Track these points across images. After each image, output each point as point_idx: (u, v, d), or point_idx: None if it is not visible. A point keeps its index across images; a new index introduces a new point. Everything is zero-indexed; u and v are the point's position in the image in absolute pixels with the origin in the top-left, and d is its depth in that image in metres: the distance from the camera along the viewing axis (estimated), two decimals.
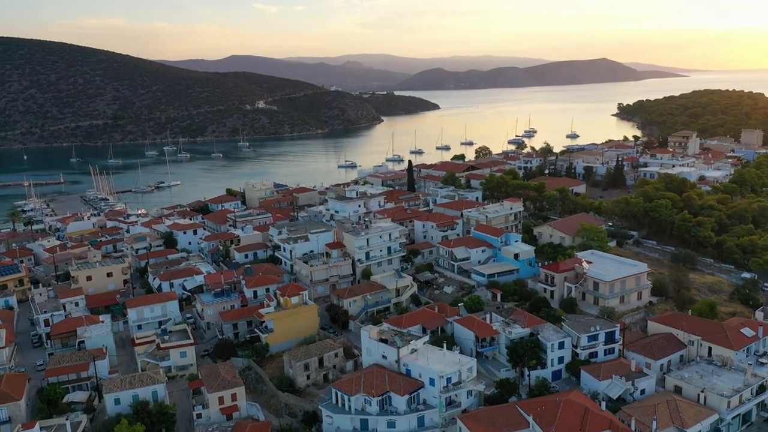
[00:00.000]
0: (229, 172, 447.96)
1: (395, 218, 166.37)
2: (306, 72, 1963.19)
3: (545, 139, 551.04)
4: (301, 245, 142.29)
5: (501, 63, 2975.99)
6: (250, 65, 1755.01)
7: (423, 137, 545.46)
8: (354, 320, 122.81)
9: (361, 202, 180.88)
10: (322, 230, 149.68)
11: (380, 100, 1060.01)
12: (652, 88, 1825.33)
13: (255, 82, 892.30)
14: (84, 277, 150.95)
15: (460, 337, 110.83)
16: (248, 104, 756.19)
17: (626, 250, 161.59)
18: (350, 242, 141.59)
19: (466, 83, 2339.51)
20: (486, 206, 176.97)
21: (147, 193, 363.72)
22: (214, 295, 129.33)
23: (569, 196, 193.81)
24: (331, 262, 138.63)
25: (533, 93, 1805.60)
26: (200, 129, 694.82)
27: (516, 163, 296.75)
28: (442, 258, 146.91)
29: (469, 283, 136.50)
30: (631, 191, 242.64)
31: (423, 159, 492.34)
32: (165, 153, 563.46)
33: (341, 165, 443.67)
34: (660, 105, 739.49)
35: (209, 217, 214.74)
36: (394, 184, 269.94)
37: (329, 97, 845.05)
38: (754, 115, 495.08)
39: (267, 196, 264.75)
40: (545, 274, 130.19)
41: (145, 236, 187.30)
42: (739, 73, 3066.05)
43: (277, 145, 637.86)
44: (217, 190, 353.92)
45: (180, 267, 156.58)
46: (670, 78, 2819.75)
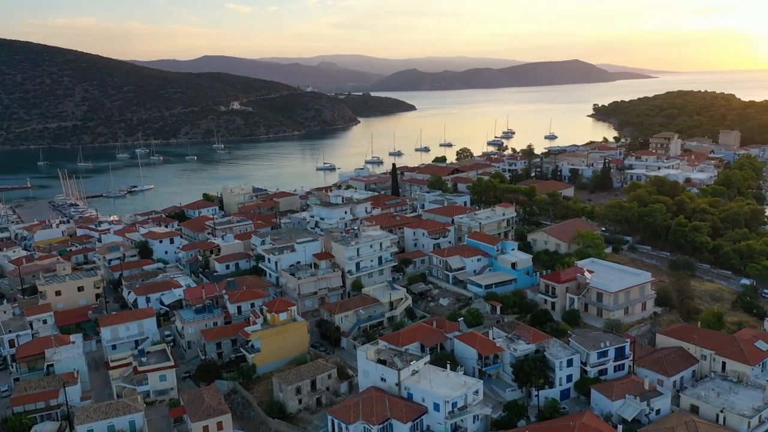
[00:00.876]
0: (204, 175, 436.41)
1: (384, 225, 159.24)
2: (280, 72, 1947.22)
3: (523, 140, 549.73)
4: (287, 256, 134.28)
5: (476, 64, 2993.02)
6: (224, 66, 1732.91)
7: (401, 138, 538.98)
8: (346, 337, 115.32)
9: (347, 208, 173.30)
10: (309, 239, 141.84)
11: (356, 100, 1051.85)
12: (624, 89, 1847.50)
13: (229, 82, 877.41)
14: (53, 291, 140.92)
15: (462, 354, 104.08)
16: (222, 105, 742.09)
17: (622, 256, 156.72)
18: (339, 252, 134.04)
19: (441, 84, 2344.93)
20: (477, 212, 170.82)
21: (119, 198, 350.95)
22: (195, 312, 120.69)
23: (561, 200, 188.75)
24: (320, 273, 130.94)
25: (509, 94, 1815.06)
26: (173, 131, 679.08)
27: (500, 165, 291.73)
28: (435, 268, 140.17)
29: (465, 294, 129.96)
30: (619, 194, 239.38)
31: (402, 161, 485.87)
32: (137, 156, 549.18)
33: (320, 167, 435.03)
34: (635, 106, 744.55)
35: (186, 224, 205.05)
36: (377, 188, 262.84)
37: (305, 98, 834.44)
38: (729, 116, 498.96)
39: (246, 201, 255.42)
40: (546, 285, 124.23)
41: (118, 246, 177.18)
42: (708, 74, 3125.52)
43: (252, 147, 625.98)
44: (192, 194, 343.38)
45: (157, 280, 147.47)
46: (640, 79, 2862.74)
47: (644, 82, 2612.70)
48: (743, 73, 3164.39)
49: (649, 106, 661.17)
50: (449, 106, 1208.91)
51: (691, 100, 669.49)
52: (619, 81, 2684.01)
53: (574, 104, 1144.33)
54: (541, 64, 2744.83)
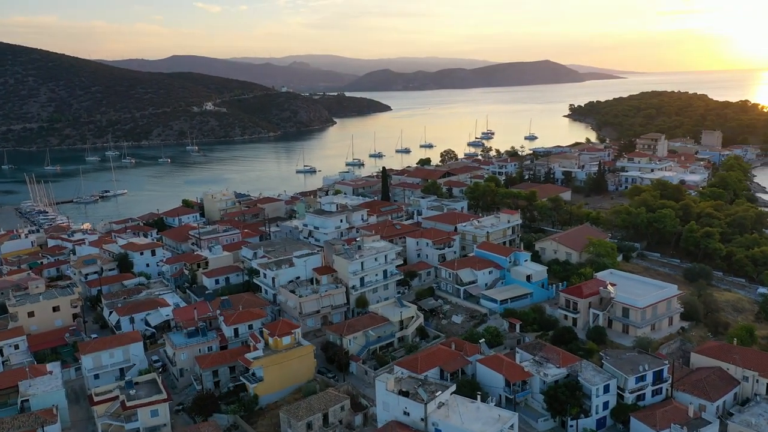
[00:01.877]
0: (180, 178, 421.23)
1: (384, 235, 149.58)
2: (252, 73, 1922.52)
3: (503, 141, 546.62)
4: (285, 271, 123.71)
5: (447, 64, 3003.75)
6: (193, 65, 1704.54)
7: (381, 140, 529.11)
8: (357, 361, 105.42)
9: (343, 216, 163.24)
10: (307, 252, 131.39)
11: (331, 101, 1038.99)
12: (595, 89, 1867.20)
13: (201, 82, 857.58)
14: (25, 313, 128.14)
15: (486, 381, 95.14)
16: (195, 106, 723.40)
17: (633, 265, 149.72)
18: (342, 266, 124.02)
19: (414, 84, 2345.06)
20: (480, 219, 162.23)
21: (90, 203, 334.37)
22: (188, 335, 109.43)
23: (563, 205, 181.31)
24: (322, 290, 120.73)
25: (482, 94, 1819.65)
26: (145, 132, 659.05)
27: (490, 167, 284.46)
28: (444, 281, 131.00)
29: (479, 310, 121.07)
30: (614, 197, 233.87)
31: (384, 162, 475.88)
32: (108, 158, 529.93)
33: (300, 170, 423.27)
34: (611, 106, 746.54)
35: (167, 233, 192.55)
36: (365, 192, 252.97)
37: (280, 99, 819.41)
38: (708, 117, 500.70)
39: (228, 207, 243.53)
40: (566, 300, 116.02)
41: (95, 259, 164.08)
42: (675, 75, 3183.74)
43: (228, 148, 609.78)
44: (169, 199, 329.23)
45: (140, 297, 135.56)
46: (609, 79, 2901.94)
47: (613, 82, 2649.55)
48: (709, 73, 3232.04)
49: (626, 107, 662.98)
50: (424, 107, 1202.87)
51: (668, 100, 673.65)
52: (588, 81, 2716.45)
53: (549, 104, 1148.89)
54: (513, 64, 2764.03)
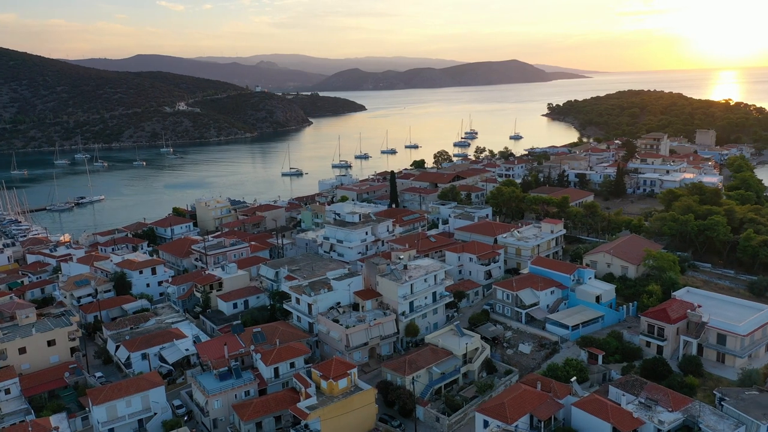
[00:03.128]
0: (158, 182, 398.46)
1: (420, 249, 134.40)
2: (219, 72, 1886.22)
3: (488, 141, 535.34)
4: (325, 296, 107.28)
5: (415, 64, 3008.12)
6: (159, 65, 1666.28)
7: (364, 140, 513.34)
8: (424, 405, 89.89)
9: (368, 228, 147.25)
10: (345, 273, 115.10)
11: (305, 101, 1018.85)
12: (565, 88, 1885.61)
13: (172, 82, 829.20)
14: (15, 349, 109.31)
15: (586, 429, 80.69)
16: (167, 106, 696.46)
17: (690, 277, 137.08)
18: (389, 289, 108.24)
19: (384, 84, 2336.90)
20: (519, 229, 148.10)
21: (65, 211, 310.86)
22: (220, 377, 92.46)
23: (600, 212, 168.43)
24: (370, 318, 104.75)
25: (455, 93, 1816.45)
26: (115, 134, 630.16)
27: (496, 170, 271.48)
28: (500, 303, 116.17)
29: (548, 338, 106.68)
30: (634, 200, 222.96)
31: (370, 164, 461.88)
32: (78, 161, 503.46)
33: (285, 173, 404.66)
34: (591, 105, 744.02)
35: (165, 248, 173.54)
36: (370, 197, 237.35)
37: (255, 98, 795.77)
38: (696, 115, 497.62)
39: (223, 215, 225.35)
40: (649, 325, 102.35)
41: (88, 279, 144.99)
42: (640, 74, 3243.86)
43: (204, 150, 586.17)
44: (150, 205, 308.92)
45: (149, 326, 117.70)
46: (576, 79, 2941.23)
47: (579, 81, 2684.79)
48: (672, 73, 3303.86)
49: (608, 106, 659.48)
50: (400, 106, 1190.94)
51: (649, 99, 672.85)
52: (555, 81, 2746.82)
53: (525, 103, 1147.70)
54: (481, 63, 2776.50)
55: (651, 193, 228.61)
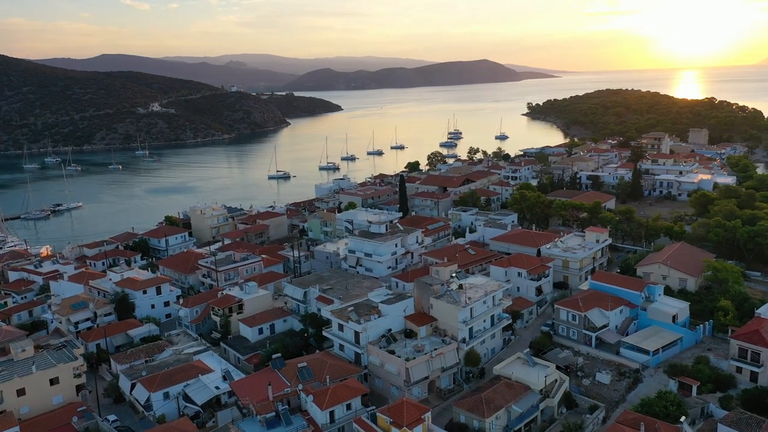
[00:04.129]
0: (137, 187, 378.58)
1: (461, 264, 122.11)
2: (187, 72, 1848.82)
3: (474, 141, 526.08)
4: (375, 323, 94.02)
5: (385, 63, 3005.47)
6: (125, 64, 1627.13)
7: (348, 141, 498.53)
8: None
9: (398, 239, 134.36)
10: (395, 295, 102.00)
11: (280, 101, 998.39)
12: (536, 87, 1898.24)
13: (144, 82, 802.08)
14: (12, 390, 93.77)
15: None
16: (141, 107, 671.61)
17: (750, 289, 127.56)
18: (446, 313, 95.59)
19: (356, 83, 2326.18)
20: (561, 239, 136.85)
21: (41, 219, 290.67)
22: (267, 425, 78.73)
23: (636, 218, 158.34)
24: (429, 348, 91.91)
25: (429, 92, 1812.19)
26: (87, 136, 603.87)
27: (502, 172, 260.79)
28: (563, 325, 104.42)
29: (627, 365, 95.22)
30: (652, 203, 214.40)
31: (357, 166, 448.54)
32: (49, 165, 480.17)
33: (272, 176, 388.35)
34: (572, 104, 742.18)
35: (167, 263, 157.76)
36: (376, 202, 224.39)
37: (231, 99, 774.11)
38: (683, 114, 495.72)
39: (220, 224, 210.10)
40: (741, 348, 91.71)
41: (86, 301, 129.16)
42: (608, 73, 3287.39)
43: (181, 152, 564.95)
44: (133, 212, 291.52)
45: (166, 358, 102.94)
46: (546, 78, 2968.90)
47: (550, 81, 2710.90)
48: (639, 72, 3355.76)
49: (591, 105, 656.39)
50: (376, 106, 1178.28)
51: (630, 98, 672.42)
52: (526, 80, 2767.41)
53: (503, 103, 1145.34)
54: (452, 63, 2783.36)
55: (668, 195, 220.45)
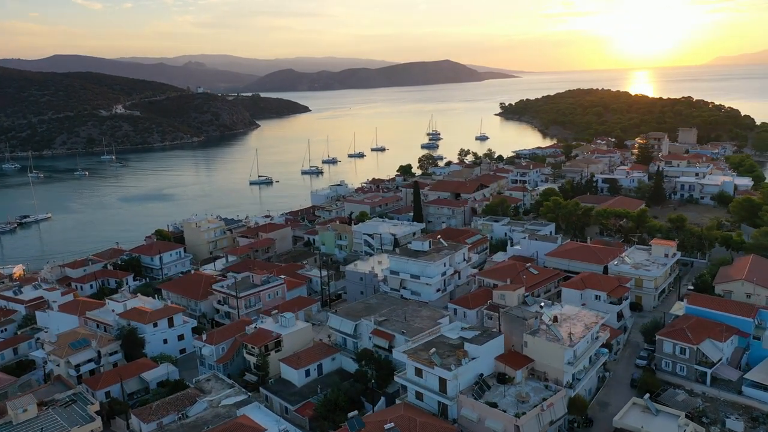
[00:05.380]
0: (109, 195, 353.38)
1: (529, 286, 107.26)
2: (144, 73, 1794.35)
3: (454, 143, 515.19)
4: (465, 368, 78.21)
5: (347, 64, 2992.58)
6: (79, 65, 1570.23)
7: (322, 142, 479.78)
8: None
9: (446, 258, 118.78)
10: (477, 332, 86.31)
11: (247, 102, 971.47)
12: (500, 87, 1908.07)
13: (105, 83, 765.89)
14: None
15: None
16: (103, 109, 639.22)
17: None
18: (547, 353, 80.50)
19: (319, 84, 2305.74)
20: (626, 254, 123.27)
21: (6, 233, 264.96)
22: None
23: (688, 226, 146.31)
24: (535, 398, 76.53)
25: (395, 93, 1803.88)
26: (46, 140, 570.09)
27: (509, 175, 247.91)
28: (666, 359, 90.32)
29: (756, 408, 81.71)
30: (677, 207, 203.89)
31: (339, 169, 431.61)
32: (7, 172, 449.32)
33: (254, 181, 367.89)
34: (545, 104, 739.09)
35: (172, 287, 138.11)
36: (384, 210, 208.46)
37: (198, 100, 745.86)
38: (666, 113, 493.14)
39: (217, 237, 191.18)
40: None
41: (87, 338, 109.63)
42: (566, 73, 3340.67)
43: (149, 157, 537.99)
44: (109, 223, 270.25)
45: (202, 412, 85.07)
46: (507, 78, 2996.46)
47: (511, 81, 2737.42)
48: (596, 72, 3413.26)
49: (567, 105, 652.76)
50: (345, 107, 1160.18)
51: (604, 97, 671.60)
52: (488, 80, 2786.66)
53: (473, 103, 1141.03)
54: (415, 64, 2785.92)
55: (690, 198, 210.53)
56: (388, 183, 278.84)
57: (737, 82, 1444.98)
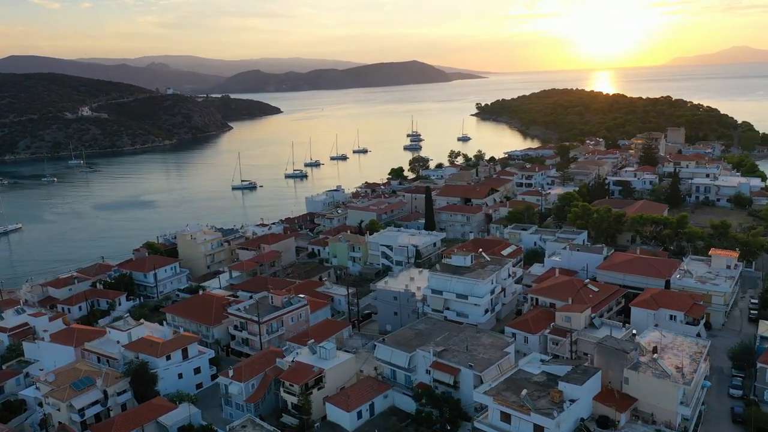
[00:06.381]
0: (81, 203, 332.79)
1: (595, 306, 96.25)
2: (106, 74, 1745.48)
3: (436, 144, 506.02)
4: (568, 412, 66.34)
5: (314, 65, 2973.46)
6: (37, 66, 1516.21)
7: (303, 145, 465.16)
8: None
9: (493, 275, 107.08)
10: (569, 367, 74.56)
11: (217, 103, 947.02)
12: (470, 88, 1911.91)
13: (68, 84, 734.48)
14: None
15: None
16: (68, 112, 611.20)
17: None
18: (652, 391, 69.31)
19: (287, 85, 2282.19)
20: (686, 264, 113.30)
21: None
22: None
23: (733, 233, 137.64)
24: None
25: (365, 94, 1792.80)
26: (8, 144, 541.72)
27: (514, 178, 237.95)
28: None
29: None
30: (693, 209, 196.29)
31: (321, 172, 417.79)
32: None
33: (237, 186, 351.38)
34: (522, 104, 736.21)
35: (179, 311, 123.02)
36: (390, 217, 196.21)
37: (167, 102, 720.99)
38: (650, 113, 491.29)
39: (215, 250, 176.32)
40: None
41: (90, 377, 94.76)
42: (532, 74, 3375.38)
43: (119, 161, 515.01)
44: (87, 233, 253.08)
45: None
46: (474, 79, 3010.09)
47: (479, 81, 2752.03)
48: (560, 72, 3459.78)
49: (546, 105, 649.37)
50: (317, 108, 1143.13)
51: (584, 97, 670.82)
52: (455, 81, 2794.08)
53: (447, 103, 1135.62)
54: (384, 65, 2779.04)
55: (706, 200, 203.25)
56: (384, 187, 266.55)
57: (699, 82, 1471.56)
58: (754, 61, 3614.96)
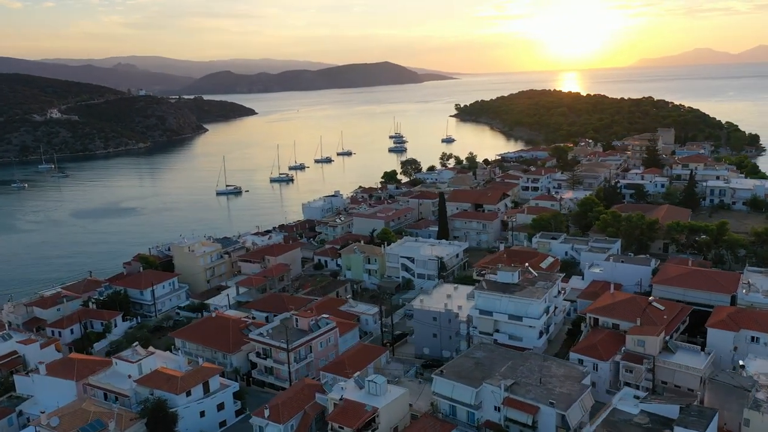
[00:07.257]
0: (56, 210, 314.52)
1: (667, 329, 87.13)
2: (71, 74, 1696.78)
3: (420, 145, 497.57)
4: None
5: (284, 66, 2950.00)
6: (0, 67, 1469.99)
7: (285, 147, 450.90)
8: None
9: (546, 294, 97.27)
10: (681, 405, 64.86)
11: (190, 105, 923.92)
12: (443, 89, 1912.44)
13: (36, 85, 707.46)
14: None
15: None
16: (36, 114, 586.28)
17: None
18: None
19: (259, 86, 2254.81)
20: (744, 276, 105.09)
21: None
22: None
23: None
24: None
25: (340, 95, 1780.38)
26: None
27: (520, 182, 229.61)
28: None
29: None
30: (710, 214, 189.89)
31: (306, 176, 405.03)
32: None
33: (221, 191, 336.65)
34: (503, 105, 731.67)
35: (190, 336, 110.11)
36: (398, 225, 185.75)
37: (140, 104, 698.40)
38: (635, 114, 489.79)
39: (215, 262, 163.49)
40: None
41: (100, 420, 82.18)
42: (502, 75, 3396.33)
43: (92, 165, 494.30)
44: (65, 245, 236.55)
45: None
46: (445, 80, 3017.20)
47: (451, 82, 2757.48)
48: (531, 73, 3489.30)
49: (528, 105, 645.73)
50: (291, 110, 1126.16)
51: (564, 98, 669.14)
52: (427, 82, 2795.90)
53: (425, 104, 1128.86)
54: (355, 65, 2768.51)
55: (721, 204, 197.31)
56: (381, 192, 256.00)
57: (666, 83, 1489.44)
58: (716, 62, 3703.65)
